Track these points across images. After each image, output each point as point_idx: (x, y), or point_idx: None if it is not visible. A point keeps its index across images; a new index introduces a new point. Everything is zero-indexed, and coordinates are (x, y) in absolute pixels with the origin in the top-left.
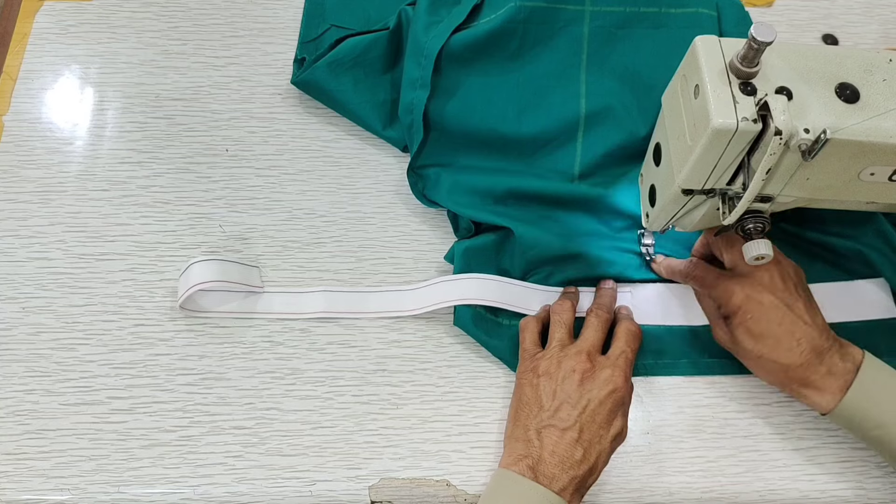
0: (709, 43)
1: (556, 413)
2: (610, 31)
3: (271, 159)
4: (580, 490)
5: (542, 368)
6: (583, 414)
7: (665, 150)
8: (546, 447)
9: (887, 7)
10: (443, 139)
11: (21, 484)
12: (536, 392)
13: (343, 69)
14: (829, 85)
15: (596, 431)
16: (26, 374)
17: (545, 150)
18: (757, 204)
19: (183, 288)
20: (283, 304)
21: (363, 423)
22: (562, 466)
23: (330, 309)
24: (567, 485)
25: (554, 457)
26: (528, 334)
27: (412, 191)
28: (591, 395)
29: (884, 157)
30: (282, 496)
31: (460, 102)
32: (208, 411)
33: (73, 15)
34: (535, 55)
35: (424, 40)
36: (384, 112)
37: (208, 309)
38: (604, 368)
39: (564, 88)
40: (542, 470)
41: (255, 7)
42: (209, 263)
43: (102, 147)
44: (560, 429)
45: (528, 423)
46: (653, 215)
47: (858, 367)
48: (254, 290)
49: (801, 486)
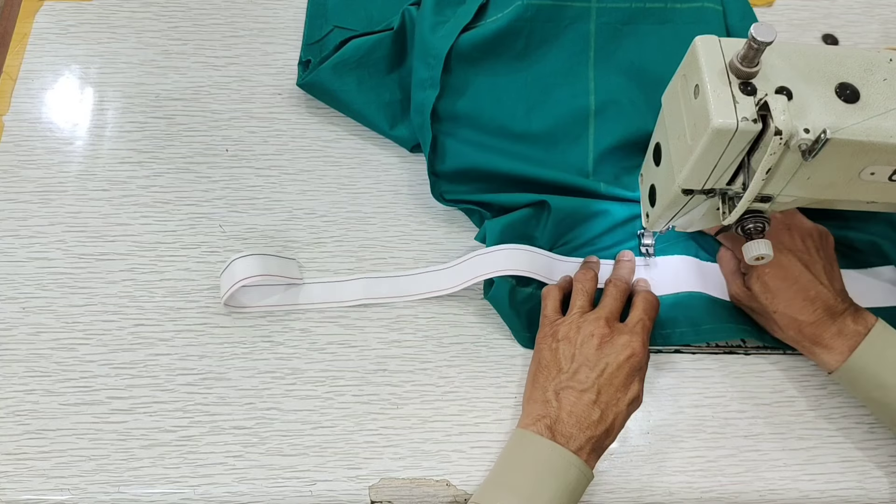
0: (709, 43)
1: (575, 375)
2: (616, 27)
3: (271, 159)
4: (597, 450)
5: (562, 333)
6: (601, 377)
7: (665, 150)
8: (564, 408)
9: (887, 7)
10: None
11: (21, 484)
12: (555, 355)
13: (348, 70)
14: (830, 85)
15: (613, 394)
16: (26, 374)
17: (558, 149)
18: (757, 204)
19: (227, 285)
20: (323, 294)
21: (363, 423)
22: (579, 426)
23: (369, 295)
24: (584, 444)
25: (572, 417)
26: (549, 301)
27: (432, 192)
28: (609, 358)
29: (884, 156)
30: (282, 496)
31: (470, 102)
32: (208, 411)
33: (73, 15)
34: (543, 53)
35: (432, 40)
36: (390, 112)
37: (250, 305)
38: (622, 334)
39: (573, 85)
40: (559, 429)
41: (255, 7)
42: (251, 258)
43: (102, 147)
44: (578, 390)
45: (547, 385)
46: (653, 215)
47: (869, 331)
48: (294, 282)
49: (801, 486)
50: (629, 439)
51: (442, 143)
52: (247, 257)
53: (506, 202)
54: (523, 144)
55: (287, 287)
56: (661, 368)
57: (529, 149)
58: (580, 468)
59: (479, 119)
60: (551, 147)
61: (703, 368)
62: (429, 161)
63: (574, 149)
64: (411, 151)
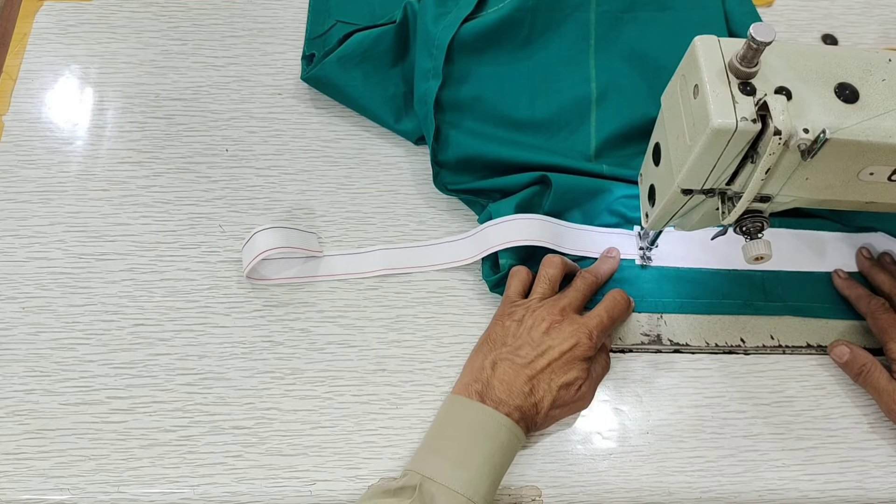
0: (708, 43)
1: (516, 351)
2: (616, 15)
3: (271, 159)
4: (526, 420)
5: (517, 315)
6: (540, 357)
7: (664, 150)
8: (497, 376)
9: (887, 7)
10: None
11: (21, 484)
12: (503, 333)
13: (353, 64)
14: (829, 85)
15: (548, 375)
16: (26, 374)
17: (560, 136)
18: (756, 204)
19: (249, 257)
20: (343, 266)
21: (363, 423)
22: (509, 393)
23: (389, 265)
24: (513, 411)
25: (503, 385)
26: (514, 282)
27: (434, 183)
28: (552, 342)
29: (883, 156)
30: (281, 496)
31: (473, 91)
32: (208, 411)
33: (73, 15)
34: (544, 42)
35: (434, 31)
36: (395, 105)
37: (270, 277)
38: (573, 323)
39: (574, 73)
40: (489, 394)
41: (254, 7)
42: (272, 231)
43: (102, 147)
44: (515, 364)
45: (486, 356)
46: (652, 215)
47: None
48: (314, 254)
49: (801, 485)
50: (628, 439)
51: (445, 133)
52: (268, 230)
53: (508, 183)
54: (526, 132)
55: (306, 260)
56: (660, 368)
57: (532, 137)
58: (511, 429)
59: (482, 108)
60: (554, 134)
61: (703, 368)
62: (432, 151)
63: (577, 135)
64: (416, 144)
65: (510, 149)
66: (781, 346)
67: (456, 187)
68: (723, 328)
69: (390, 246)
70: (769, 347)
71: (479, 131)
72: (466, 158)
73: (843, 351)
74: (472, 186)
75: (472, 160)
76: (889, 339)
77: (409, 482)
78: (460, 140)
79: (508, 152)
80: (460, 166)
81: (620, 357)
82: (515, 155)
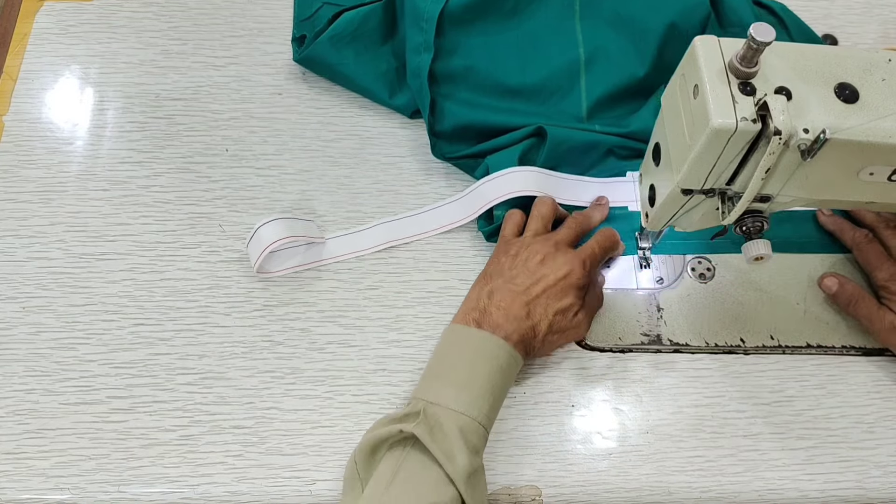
0: (708, 43)
1: (512, 280)
2: None
3: (271, 159)
4: (524, 343)
5: (513, 251)
6: (536, 284)
7: (664, 150)
8: (493, 302)
9: (887, 7)
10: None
11: (21, 483)
12: (500, 268)
13: (344, 43)
14: (829, 85)
15: (544, 300)
16: (26, 373)
17: (552, 101)
18: (756, 204)
19: (256, 252)
20: (346, 246)
21: (363, 423)
22: (506, 317)
23: (391, 238)
24: (511, 334)
25: (500, 310)
26: (509, 224)
27: (433, 152)
28: (547, 270)
29: (883, 156)
30: (281, 496)
31: (464, 62)
32: (208, 411)
33: (73, 15)
34: (531, 11)
35: (423, 5)
36: (388, 81)
37: (275, 269)
38: (566, 254)
39: (562, 39)
40: (486, 320)
41: (254, 7)
42: (275, 223)
43: (102, 147)
44: (511, 290)
45: (483, 287)
46: (652, 215)
47: None
48: (316, 241)
49: (801, 485)
50: (628, 439)
51: (440, 105)
52: (271, 223)
53: (504, 142)
54: (519, 99)
55: (308, 247)
56: (660, 368)
57: (525, 103)
58: (509, 352)
59: (474, 78)
60: (546, 99)
61: (703, 368)
62: (428, 123)
63: (568, 99)
64: (410, 118)
65: (504, 115)
66: (781, 346)
67: (454, 155)
68: (723, 328)
69: (389, 219)
70: (769, 347)
71: (473, 101)
72: (462, 127)
73: (833, 282)
74: (469, 152)
75: (468, 128)
76: (874, 268)
77: (413, 408)
78: (455, 110)
79: (503, 119)
80: (456, 135)
81: (620, 357)
82: (509, 121)
